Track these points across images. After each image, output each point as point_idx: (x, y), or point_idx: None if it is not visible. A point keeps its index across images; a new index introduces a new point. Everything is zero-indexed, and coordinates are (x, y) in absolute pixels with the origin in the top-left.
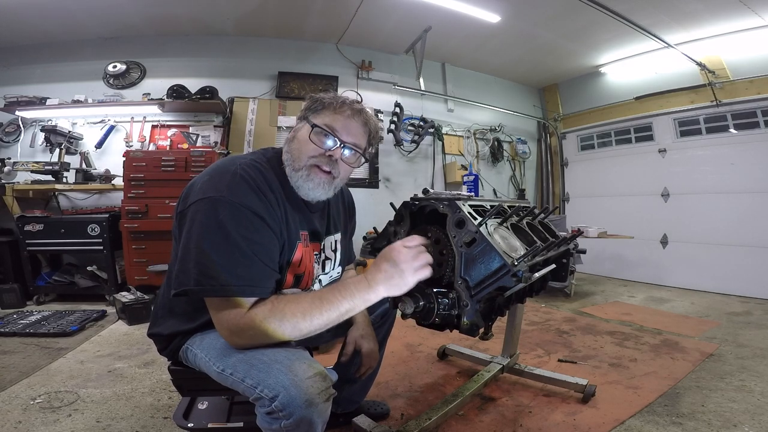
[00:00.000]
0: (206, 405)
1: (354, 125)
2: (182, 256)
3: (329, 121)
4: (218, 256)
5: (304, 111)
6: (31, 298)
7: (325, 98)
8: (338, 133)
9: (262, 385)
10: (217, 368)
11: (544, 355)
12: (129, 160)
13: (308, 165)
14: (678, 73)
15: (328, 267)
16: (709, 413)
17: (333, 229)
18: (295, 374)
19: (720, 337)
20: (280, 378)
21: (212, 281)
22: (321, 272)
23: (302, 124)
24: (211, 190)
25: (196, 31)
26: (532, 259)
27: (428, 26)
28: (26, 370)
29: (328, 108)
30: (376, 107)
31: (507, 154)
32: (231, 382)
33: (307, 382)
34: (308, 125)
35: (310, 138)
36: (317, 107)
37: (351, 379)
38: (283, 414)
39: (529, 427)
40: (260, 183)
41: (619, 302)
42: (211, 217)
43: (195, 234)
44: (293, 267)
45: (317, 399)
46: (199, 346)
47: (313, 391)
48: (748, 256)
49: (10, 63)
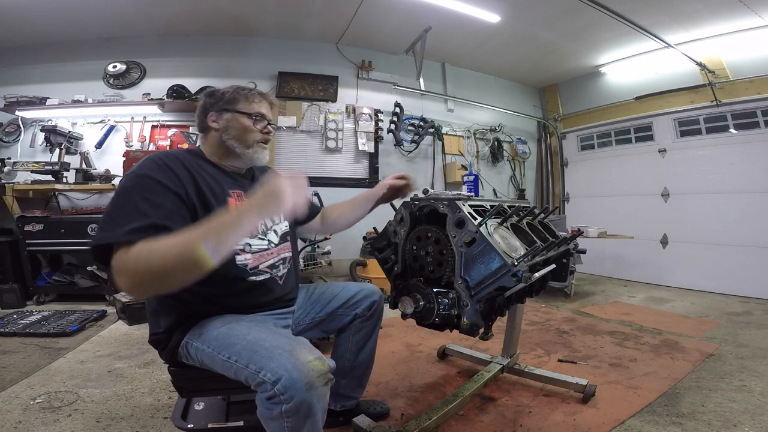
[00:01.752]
0: (203, 406)
1: (266, 107)
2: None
3: (256, 108)
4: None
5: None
6: (31, 298)
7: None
8: (266, 116)
9: (266, 369)
10: (222, 357)
11: (544, 355)
12: (129, 160)
13: (255, 142)
14: (678, 73)
15: (276, 219)
16: (709, 413)
17: None
18: (297, 358)
19: (720, 337)
20: (283, 362)
21: (107, 234)
22: (271, 223)
23: (228, 115)
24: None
25: (196, 31)
26: (532, 259)
27: (428, 26)
28: (26, 370)
29: (243, 99)
30: (376, 107)
31: (507, 154)
32: (235, 369)
33: (308, 365)
34: (238, 114)
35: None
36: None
37: (347, 373)
38: (284, 397)
39: (529, 427)
40: (168, 161)
41: (619, 302)
42: (120, 187)
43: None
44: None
45: (317, 382)
46: (199, 339)
47: (314, 375)
48: (748, 256)
49: (10, 63)
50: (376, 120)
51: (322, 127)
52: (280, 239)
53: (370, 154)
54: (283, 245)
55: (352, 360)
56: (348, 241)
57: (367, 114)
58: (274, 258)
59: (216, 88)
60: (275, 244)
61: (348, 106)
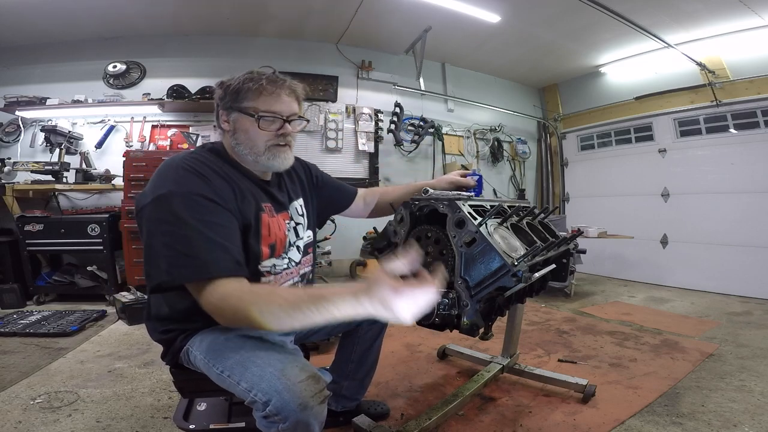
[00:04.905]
0: (205, 406)
1: (284, 98)
2: (149, 255)
3: (264, 105)
4: (182, 245)
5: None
6: (31, 298)
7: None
8: (279, 113)
9: (256, 389)
10: (216, 370)
11: (544, 355)
12: (129, 160)
13: (268, 147)
14: (678, 73)
15: (300, 232)
16: (709, 413)
17: (294, 196)
18: (288, 378)
19: (720, 337)
20: (273, 382)
21: (182, 269)
22: (295, 238)
23: (237, 115)
24: (160, 189)
25: (196, 31)
26: (532, 259)
27: (428, 26)
28: (26, 370)
29: (250, 92)
30: (376, 107)
31: (507, 154)
32: (228, 384)
33: (300, 386)
34: (244, 115)
35: (259, 127)
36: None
37: (349, 375)
38: (279, 418)
39: (529, 427)
40: (203, 169)
41: (619, 302)
42: (166, 212)
43: (156, 232)
44: (264, 238)
45: (311, 402)
46: (198, 347)
47: (307, 395)
48: (748, 256)
49: (10, 63)
50: (376, 120)
51: (322, 127)
52: (303, 254)
53: (370, 154)
54: (305, 259)
55: (356, 362)
56: (348, 241)
57: (367, 114)
58: (294, 277)
59: (228, 78)
60: (296, 262)
61: (348, 106)
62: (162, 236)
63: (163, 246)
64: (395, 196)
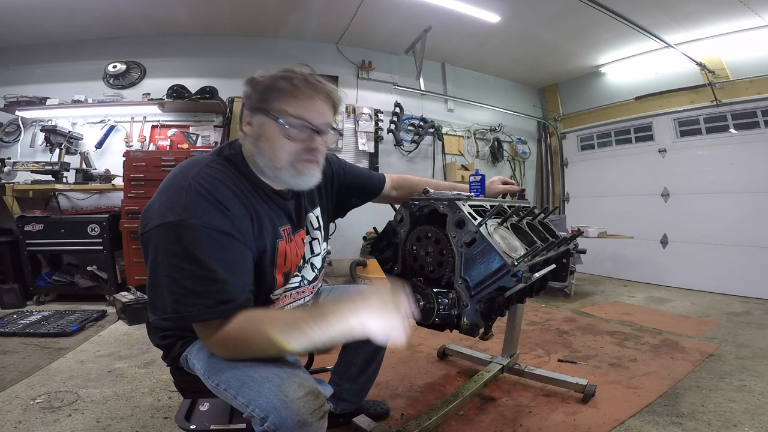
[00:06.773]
0: (207, 407)
1: (320, 105)
2: (154, 284)
3: (295, 110)
4: (191, 283)
5: (255, 100)
6: (31, 298)
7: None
8: (311, 122)
9: (253, 404)
10: (212, 382)
11: (544, 355)
12: (129, 160)
13: (292, 162)
14: (678, 73)
15: (316, 247)
16: (709, 413)
17: (310, 207)
18: (286, 395)
19: (720, 337)
20: (270, 398)
21: (189, 308)
22: (311, 254)
23: (262, 119)
24: (171, 214)
25: (196, 31)
26: (532, 259)
27: (428, 26)
28: (26, 370)
29: (282, 92)
30: (376, 107)
31: (507, 154)
32: (225, 397)
33: (298, 403)
34: (271, 119)
35: (286, 135)
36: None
37: (351, 378)
38: None
39: (529, 427)
40: (219, 194)
41: (619, 302)
42: (176, 244)
43: (164, 263)
44: (280, 267)
45: (310, 419)
46: (196, 356)
47: (305, 411)
48: (748, 256)
49: (10, 63)
50: (376, 120)
51: None
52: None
53: (370, 154)
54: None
55: (360, 366)
56: (348, 241)
57: (367, 114)
58: (306, 296)
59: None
60: (309, 280)
61: (348, 106)
62: (170, 269)
63: (170, 281)
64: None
